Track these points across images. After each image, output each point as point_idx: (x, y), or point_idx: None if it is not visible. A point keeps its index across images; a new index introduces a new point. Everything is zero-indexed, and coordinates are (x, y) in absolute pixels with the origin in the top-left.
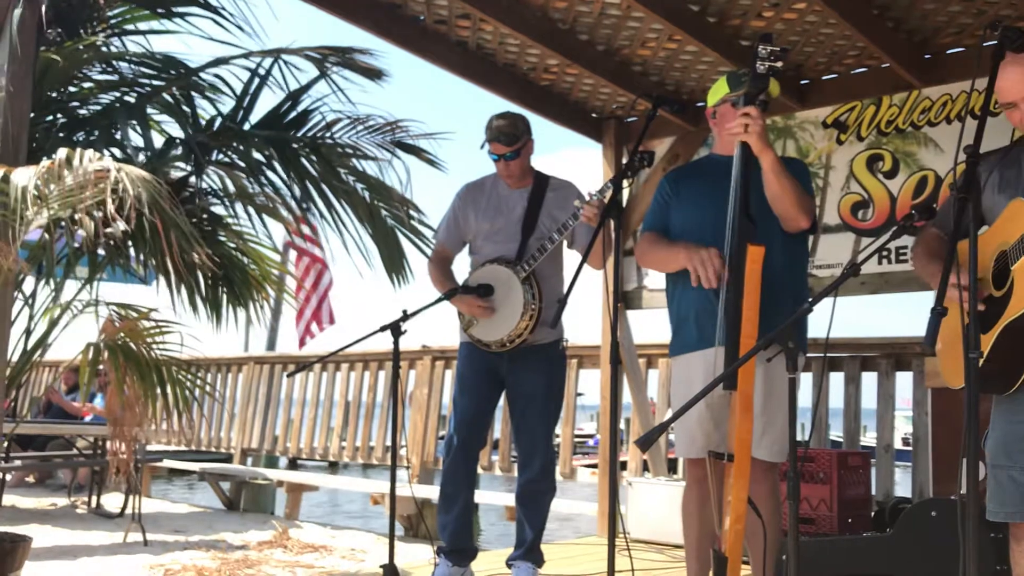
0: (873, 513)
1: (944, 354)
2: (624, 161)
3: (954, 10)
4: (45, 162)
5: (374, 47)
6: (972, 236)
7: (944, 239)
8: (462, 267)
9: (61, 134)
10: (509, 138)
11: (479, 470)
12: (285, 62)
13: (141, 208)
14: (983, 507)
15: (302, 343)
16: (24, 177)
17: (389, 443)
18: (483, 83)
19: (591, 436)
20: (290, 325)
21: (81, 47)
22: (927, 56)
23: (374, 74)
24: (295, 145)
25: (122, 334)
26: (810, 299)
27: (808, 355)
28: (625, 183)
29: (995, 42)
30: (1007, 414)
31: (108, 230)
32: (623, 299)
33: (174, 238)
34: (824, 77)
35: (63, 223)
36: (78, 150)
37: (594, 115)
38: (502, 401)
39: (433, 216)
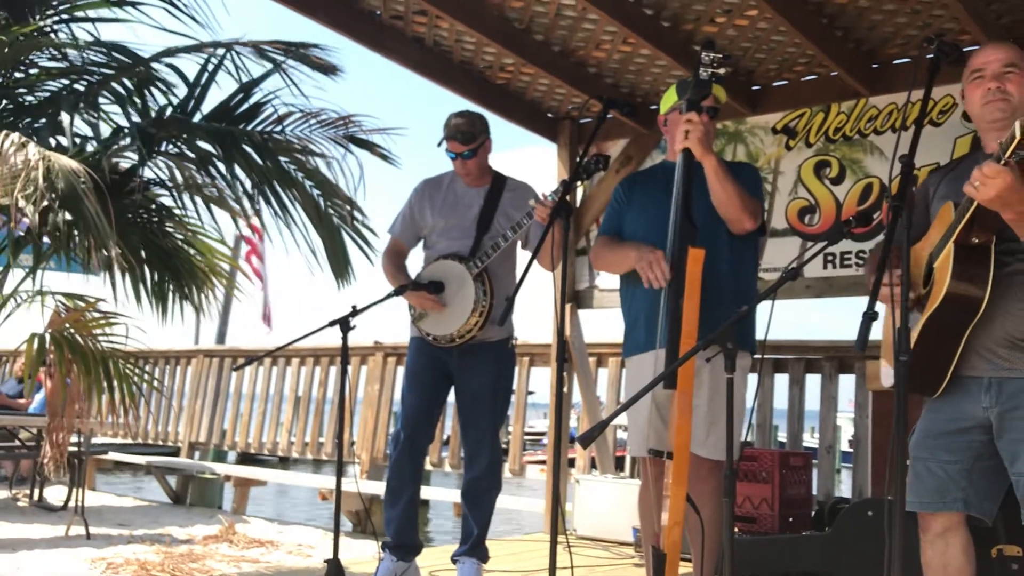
0: (813, 513)
1: (885, 354)
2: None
3: (900, 22)
4: None
5: (329, 42)
6: (906, 243)
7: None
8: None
9: (11, 119)
10: (466, 136)
11: (429, 466)
12: (238, 53)
13: (58, 197)
14: None
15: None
16: None
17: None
18: (439, 80)
19: (543, 434)
20: (241, 318)
21: (27, 31)
22: (875, 65)
23: (328, 69)
24: (245, 138)
25: (68, 325)
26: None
27: (753, 356)
28: (579, 184)
29: (931, 55)
30: (931, 412)
31: (48, 220)
32: (575, 298)
33: (93, 230)
34: (775, 84)
35: (5, 210)
36: (3, 132)
37: (549, 115)
38: (452, 398)
39: (382, 215)
